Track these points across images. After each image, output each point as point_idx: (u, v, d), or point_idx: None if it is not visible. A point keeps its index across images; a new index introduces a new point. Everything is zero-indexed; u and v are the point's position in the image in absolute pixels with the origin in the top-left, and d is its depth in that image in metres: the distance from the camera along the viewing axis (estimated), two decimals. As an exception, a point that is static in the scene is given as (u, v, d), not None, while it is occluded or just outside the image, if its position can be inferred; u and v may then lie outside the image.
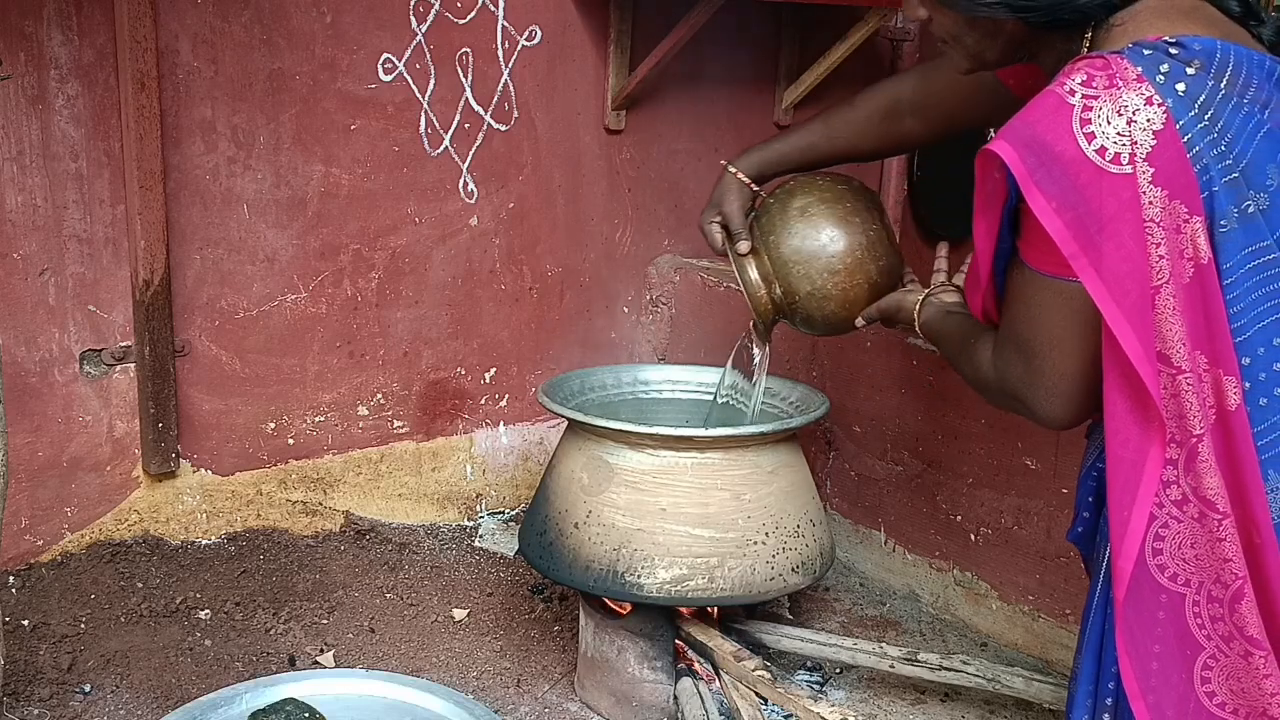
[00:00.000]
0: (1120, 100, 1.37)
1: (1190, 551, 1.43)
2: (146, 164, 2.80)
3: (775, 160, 2.31)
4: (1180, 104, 1.39)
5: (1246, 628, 1.40)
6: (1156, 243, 1.37)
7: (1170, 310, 1.38)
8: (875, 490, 3.30)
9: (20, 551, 2.88)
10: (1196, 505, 1.41)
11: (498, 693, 2.71)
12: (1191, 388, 1.39)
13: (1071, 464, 2.84)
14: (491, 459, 3.62)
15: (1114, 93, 1.38)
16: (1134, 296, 1.38)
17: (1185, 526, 1.43)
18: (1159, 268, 1.38)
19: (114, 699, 2.56)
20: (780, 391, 2.88)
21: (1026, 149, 1.40)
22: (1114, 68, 1.39)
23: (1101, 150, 1.37)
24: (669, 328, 3.82)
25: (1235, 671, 1.43)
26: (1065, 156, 1.38)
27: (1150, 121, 1.37)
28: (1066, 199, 1.38)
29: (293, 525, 3.26)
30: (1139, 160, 1.36)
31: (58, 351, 2.87)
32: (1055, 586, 2.89)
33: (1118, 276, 1.38)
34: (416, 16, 3.20)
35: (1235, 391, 1.41)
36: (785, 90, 4.00)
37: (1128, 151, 1.36)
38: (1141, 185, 1.37)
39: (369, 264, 3.28)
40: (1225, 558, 1.40)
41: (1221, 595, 1.42)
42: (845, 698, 2.75)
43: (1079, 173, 1.38)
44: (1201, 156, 1.39)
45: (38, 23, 2.69)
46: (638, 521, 2.47)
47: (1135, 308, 1.38)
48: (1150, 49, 1.42)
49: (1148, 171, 1.37)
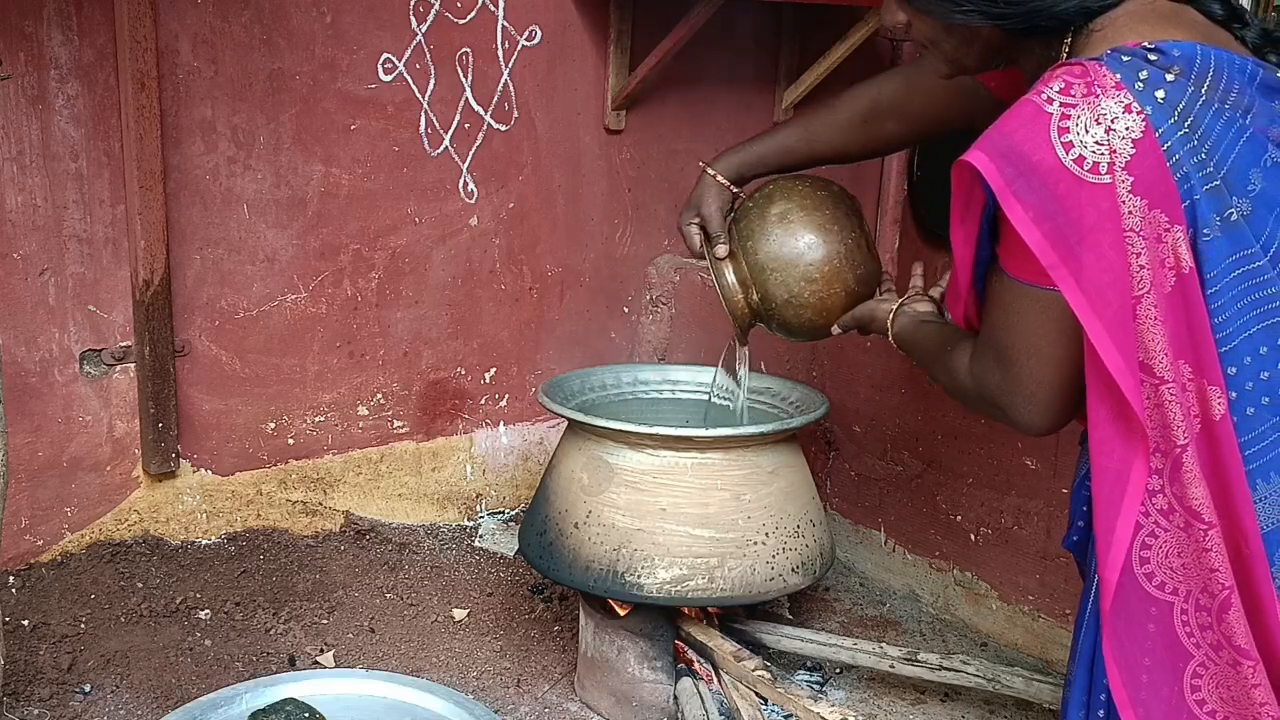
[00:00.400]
0: (1099, 108, 1.36)
1: (1177, 560, 1.42)
2: (146, 164, 2.80)
3: (754, 162, 2.27)
4: (1159, 111, 1.37)
5: (1234, 637, 1.40)
6: (1137, 252, 1.36)
7: (1152, 320, 1.37)
8: (875, 490, 3.30)
9: (20, 551, 2.88)
10: (1182, 515, 1.40)
11: (498, 693, 2.71)
12: (1175, 398, 1.38)
13: (1072, 464, 2.85)
14: (491, 459, 3.62)
15: (1092, 101, 1.36)
16: (1115, 307, 1.37)
17: (1172, 536, 1.42)
18: (1140, 278, 1.36)
19: (114, 699, 2.56)
20: (780, 391, 2.88)
21: (1004, 159, 1.39)
22: (1092, 75, 1.38)
23: (1080, 160, 1.35)
24: (669, 328, 3.82)
25: (1224, 680, 1.42)
26: (1043, 166, 1.37)
27: (1129, 130, 1.36)
28: (1045, 209, 1.37)
29: (293, 525, 3.26)
30: (1118, 169, 1.35)
31: (58, 351, 2.87)
32: (1055, 586, 2.89)
33: (1098, 287, 1.37)
34: (416, 16, 3.20)
35: (1220, 401, 1.40)
36: (785, 90, 4.00)
37: (1106, 160, 1.35)
38: (1121, 195, 1.35)
39: (369, 264, 3.28)
40: (1212, 567, 1.39)
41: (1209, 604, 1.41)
42: (845, 698, 2.75)
43: (1057, 182, 1.36)
44: (1182, 164, 1.37)
45: (38, 23, 2.69)
46: (638, 521, 2.47)
47: (1116, 318, 1.37)
48: (1129, 55, 1.40)
49: (1127, 181, 1.35)
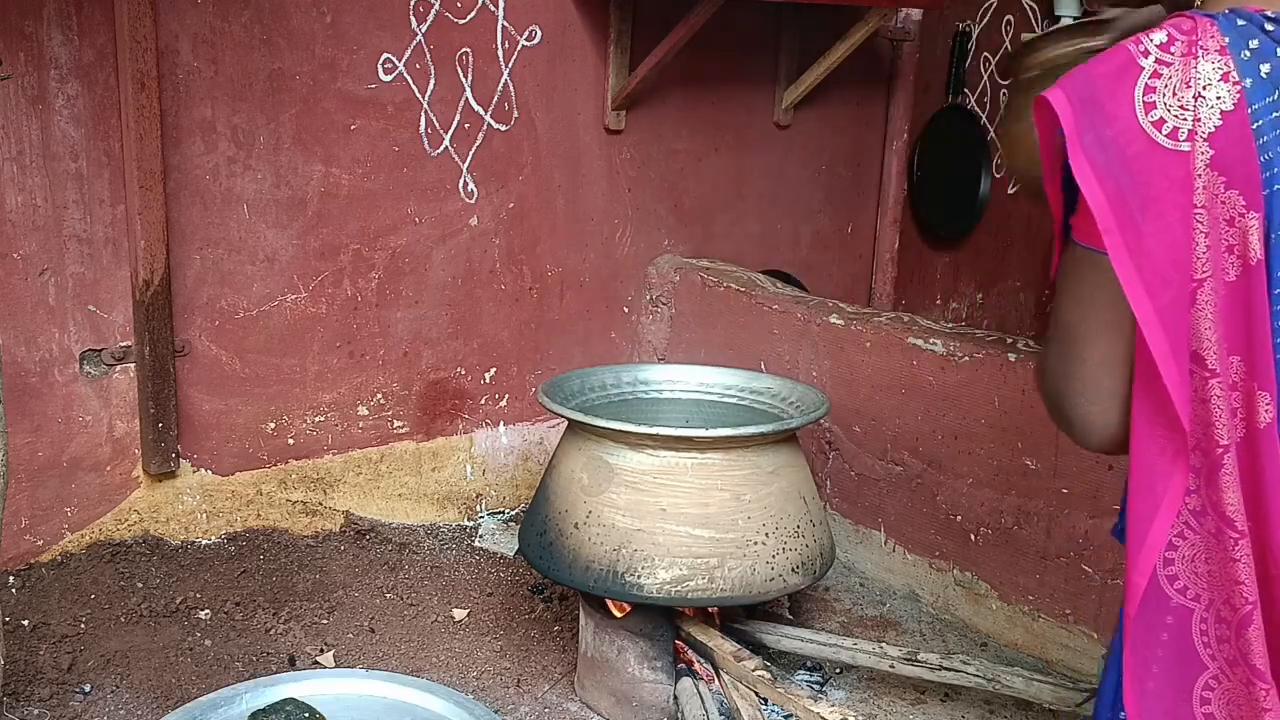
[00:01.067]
0: (1193, 71, 1.25)
1: (1204, 566, 1.33)
2: (146, 164, 2.80)
3: None
4: (1259, 87, 1.25)
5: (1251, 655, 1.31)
6: (1205, 231, 1.24)
7: (1211, 308, 1.25)
8: (875, 490, 3.30)
9: (20, 551, 2.88)
10: (1214, 520, 1.31)
11: (498, 693, 2.71)
12: (1223, 395, 1.27)
13: (1071, 464, 2.85)
14: (491, 459, 3.62)
15: (1189, 62, 1.25)
16: (1175, 288, 1.25)
17: (1201, 540, 1.32)
18: (1204, 260, 1.25)
19: (114, 699, 2.56)
20: (780, 391, 2.88)
21: (1081, 105, 1.27)
22: (1199, 33, 1.26)
23: (1159, 123, 1.24)
24: (669, 328, 3.82)
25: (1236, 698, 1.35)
26: (1119, 122, 1.25)
27: (1220, 100, 1.24)
28: (1112, 167, 1.25)
29: (293, 525, 3.26)
30: (1199, 139, 1.24)
31: (58, 351, 2.87)
32: (1055, 586, 2.89)
33: (1155, 263, 1.25)
34: (416, 16, 3.20)
35: (1269, 408, 1.28)
36: (785, 90, 4.00)
37: (1188, 128, 1.24)
38: (1197, 166, 1.24)
39: (369, 264, 3.28)
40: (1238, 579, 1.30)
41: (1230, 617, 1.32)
42: (845, 698, 2.75)
43: (1130, 142, 1.25)
44: (1269, 148, 1.25)
45: (38, 23, 2.69)
46: (638, 522, 2.47)
47: (1174, 301, 1.25)
48: (1245, 20, 1.28)
49: (1207, 153, 1.24)
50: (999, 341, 3.05)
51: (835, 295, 3.87)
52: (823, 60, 3.90)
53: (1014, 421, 2.94)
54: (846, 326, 3.29)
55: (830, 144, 4.24)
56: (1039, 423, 2.89)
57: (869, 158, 4.41)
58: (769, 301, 3.51)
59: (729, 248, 4.00)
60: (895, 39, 4.28)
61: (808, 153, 4.19)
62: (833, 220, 4.36)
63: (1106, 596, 2.80)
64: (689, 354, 3.71)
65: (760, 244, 4.12)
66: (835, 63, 3.89)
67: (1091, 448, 1.39)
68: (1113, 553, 2.77)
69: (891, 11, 4.07)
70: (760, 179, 4.08)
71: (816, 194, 4.27)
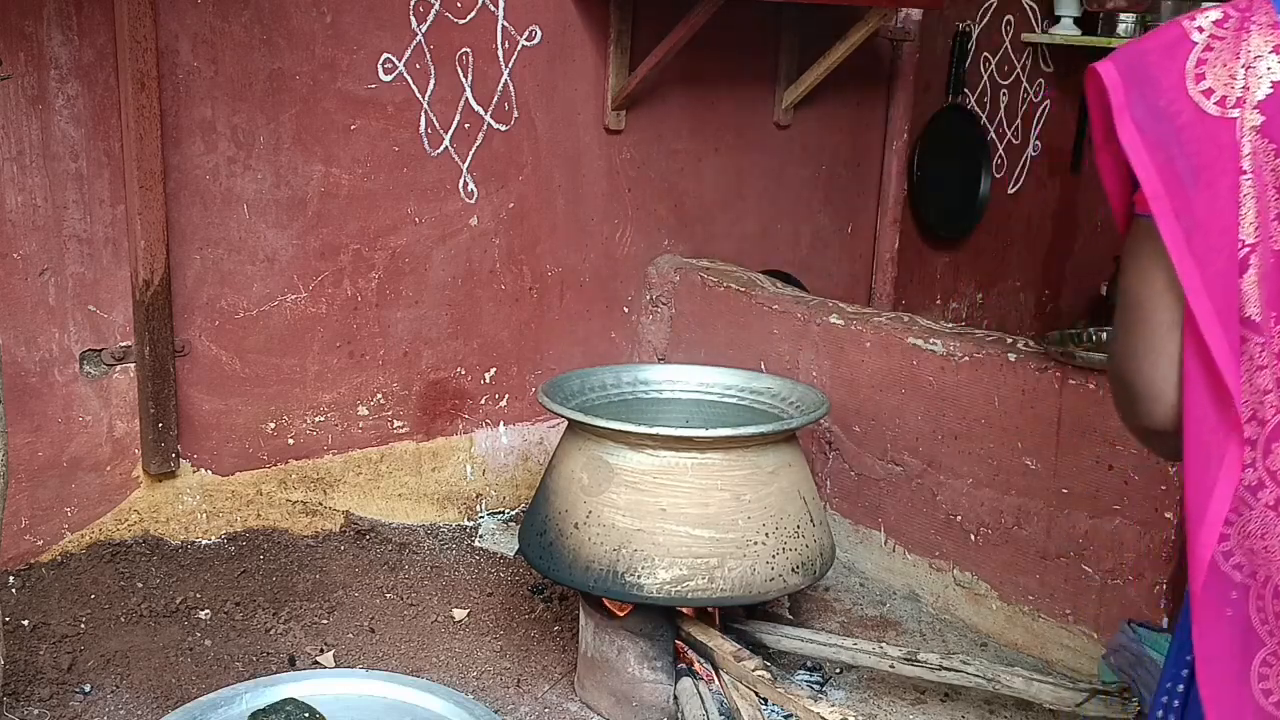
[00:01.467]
0: (1244, 45, 1.25)
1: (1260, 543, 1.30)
2: (146, 164, 2.80)
3: None
4: None
5: None
6: (1255, 197, 1.24)
7: (1261, 274, 1.25)
8: (875, 490, 3.30)
9: (20, 551, 2.88)
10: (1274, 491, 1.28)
11: (498, 693, 2.71)
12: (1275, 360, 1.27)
13: (1071, 464, 2.85)
14: (491, 459, 3.62)
15: (1242, 36, 1.26)
16: (1224, 256, 1.25)
17: (1258, 514, 1.29)
18: (1252, 226, 1.24)
19: (114, 699, 2.56)
20: (780, 391, 2.88)
21: (1131, 76, 1.28)
22: (1254, 9, 1.27)
23: (1208, 91, 1.25)
24: (669, 328, 3.82)
25: None
26: (1169, 93, 1.26)
27: (1271, 70, 1.24)
28: (1161, 138, 1.26)
29: (293, 525, 3.26)
30: (1247, 106, 1.24)
31: (58, 351, 2.87)
32: (1055, 586, 2.89)
33: (1205, 230, 1.25)
34: (416, 16, 3.20)
35: None
36: (785, 90, 4.00)
37: (1236, 95, 1.24)
38: (1244, 132, 1.24)
39: (369, 264, 3.28)
40: None
41: None
42: (845, 698, 2.75)
43: (1179, 112, 1.26)
44: None
45: (38, 23, 2.69)
46: (638, 522, 2.47)
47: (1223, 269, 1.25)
48: None
49: (1256, 119, 1.24)
50: (999, 341, 3.05)
51: (835, 295, 3.87)
52: (823, 60, 3.90)
53: (1014, 421, 2.94)
54: (846, 326, 3.29)
55: (830, 144, 4.24)
56: (1039, 423, 2.89)
57: (869, 158, 4.41)
58: (769, 301, 3.51)
59: (729, 248, 4.00)
60: (895, 39, 4.27)
61: (808, 153, 4.19)
62: (833, 220, 4.36)
63: (1106, 596, 2.80)
64: (689, 354, 3.71)
65: (760, 244, 4.12)
66: (835, 63, 3.89)
67: (1156, 423, 1.35)
68: (1113, 553, 2.78)
69: (891, 11, 4.07)
70: (760, 179, 4.08)
71: (816, 194, 4.27)
